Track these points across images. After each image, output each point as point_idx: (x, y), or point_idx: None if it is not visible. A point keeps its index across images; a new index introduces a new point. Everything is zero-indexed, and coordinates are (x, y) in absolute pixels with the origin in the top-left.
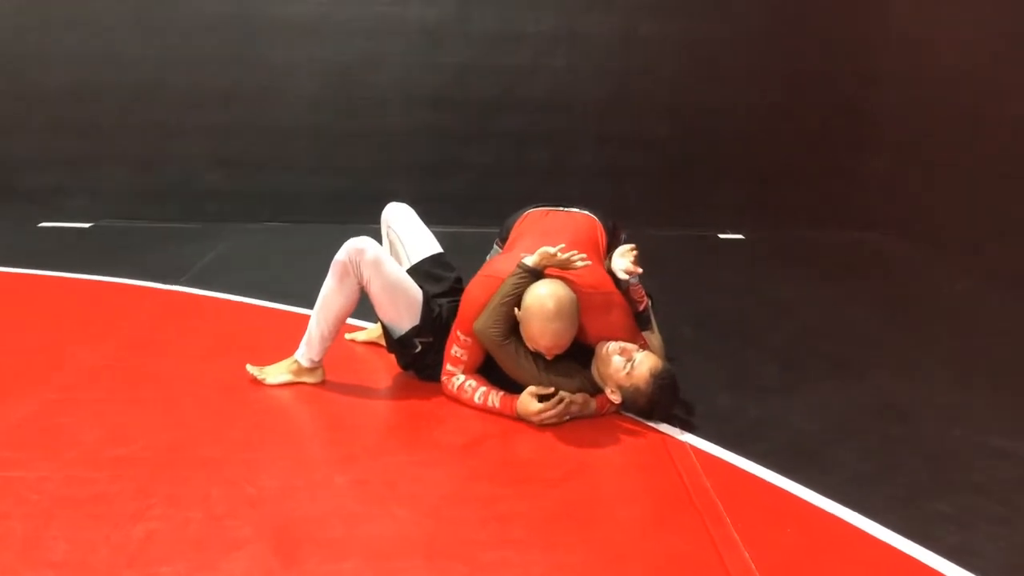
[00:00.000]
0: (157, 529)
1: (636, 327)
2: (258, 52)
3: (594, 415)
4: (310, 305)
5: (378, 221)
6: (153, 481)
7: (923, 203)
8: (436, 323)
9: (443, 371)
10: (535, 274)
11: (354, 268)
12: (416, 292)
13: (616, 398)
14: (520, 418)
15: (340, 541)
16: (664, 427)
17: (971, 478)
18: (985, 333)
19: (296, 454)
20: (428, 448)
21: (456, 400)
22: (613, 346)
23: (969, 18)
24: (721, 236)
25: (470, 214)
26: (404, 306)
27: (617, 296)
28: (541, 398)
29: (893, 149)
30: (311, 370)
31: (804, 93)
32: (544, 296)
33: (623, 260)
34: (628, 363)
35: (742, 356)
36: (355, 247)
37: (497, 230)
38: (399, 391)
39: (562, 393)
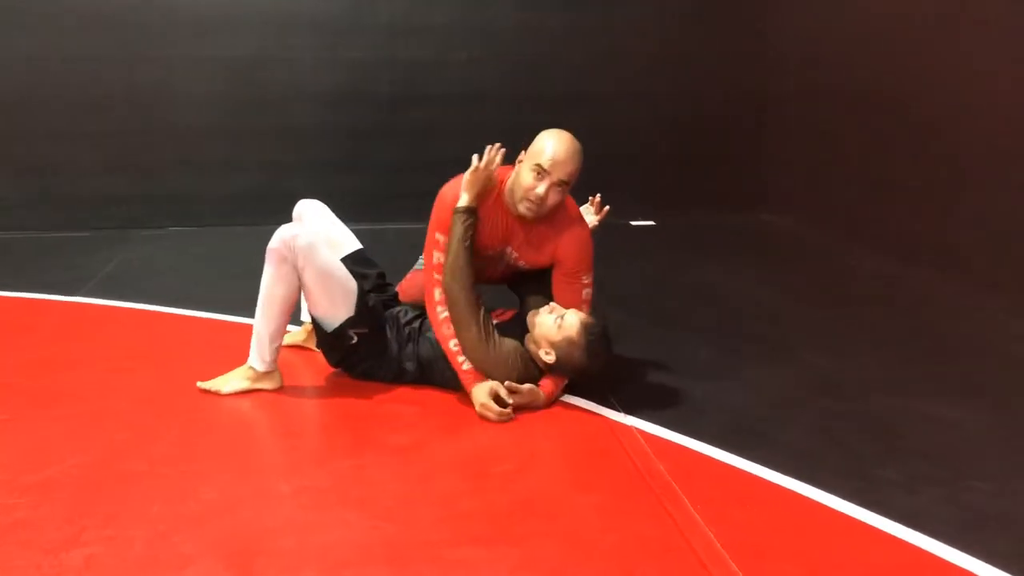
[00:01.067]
0: (96, 553)
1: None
2: (153, 50)
3: (542, 406)
4: (226, 310)
5: (286, 221)
6: (84, 503)
7: (825, 184)
8: (371, 314)
9: (426, 282)
10: (471, 211)
11: (290, 253)
12: (351, 282)
13: (550, 358)
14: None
15: (295, 552)
16: (608, 412)
17: (912, 445)
18: (896, 308)
19: (235, 465)
20: (373, 450)
21: (430, 314)
22: (544, 308)
23: None
24: (633, 223)
25: (381, 211)
26: (340, 296)
27: (588, 227)
28: (497, 399)
29: (795, 131)
30: (268, 374)
31: (707, 79)
32: (555, 129)
33: (587, 213)
34: (558, 318)
35: (674, 340)
36: (289, 232)
37: (410, 226)
38: (334, 393)
39: (515, 399)
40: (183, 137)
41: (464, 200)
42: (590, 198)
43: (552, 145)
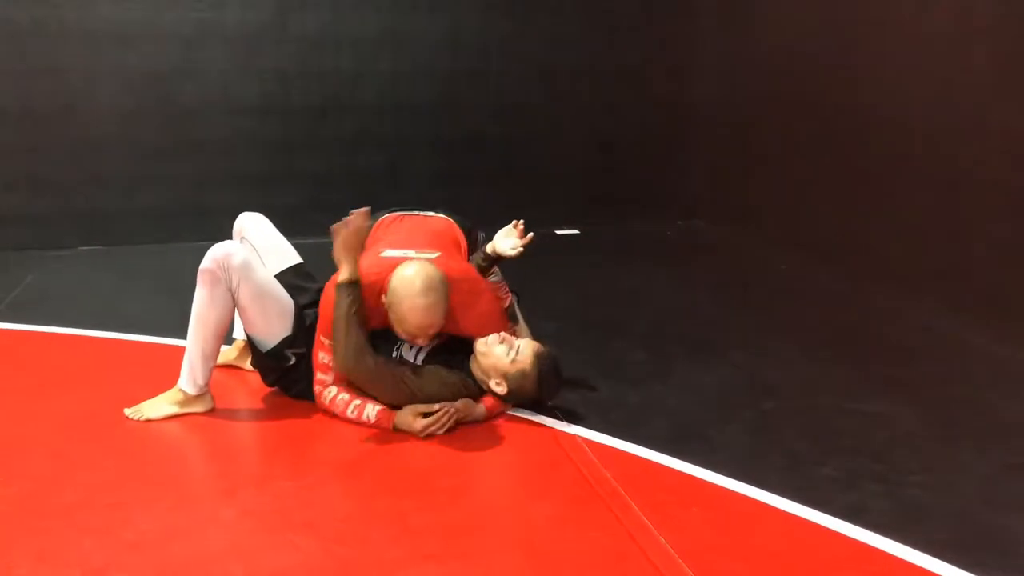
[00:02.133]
0: None
1: (507, 317)
2: (59, 63)
3: (483, 419)
4: (143, 331)
5: (205, 238)
6: (11, 539)
7: (748, 190)
8: (308, 333)
9: (315, 380)
10: (352, 284)
11: (223, 273)
12: (287, 300)
13: (502, 389)
14: (398, 431)
15: None
16: (551, 421)
17: (846, 442)
18: (817, 307)
19: (169, 492)
20: (314, 469)
21: (329, 413)
22: (493, 337)
23: (785, 4)
24: (558, 232)
25: (304, 225)
26: (275, 315)
27: (485, 285)
28: (425, 414)
29: (718, 138)
30: (198, 397)
31: (626, 89)
32: (410, 275)
33: (509, 239)
34: (511, 350)
35: (607, 346)
36: (222, 251)
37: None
38: (269, 413)
39: (443, 404)
40: (88, 153)
41: (344, 274)
42: (513, 222)
43: (409, 320)
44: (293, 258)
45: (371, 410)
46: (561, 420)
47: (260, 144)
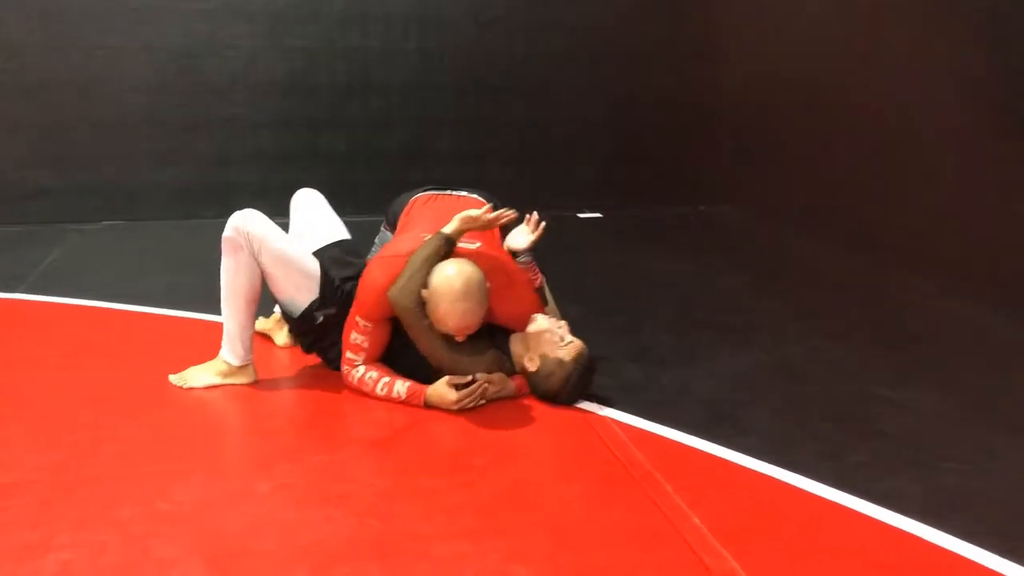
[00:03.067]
0: (71, 559)
1: (540, 302)
2: (88, 38)
3: (512, 396)
4: (174, 305)
5: (229, 215)
6: (51, 507)
7: (766, 174)
8: (338, 295)
9: (342, 360)
10: (450, 243)
11: (244, 239)
12: (312, 264)
13: (533, 366)
14: (430, 407)
15: (280, 552)
16: (583, 404)
17: (878, 427)
18: (845, 293)
19: (205, 463)
20: (348, 445)
21: (358, 392)
22: (552, 318)
23: None
24: (580, 216)
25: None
26: (301, 278)
27: (520, 272)
28: (458, 387)
29: (744, 122)
30: (241, 368)
31: (650, 74)
32: (452, 276)
33: (521, 234)
34: (564, 338)
35: (635, 330)
36: (240, 218)
37: (359, 219)
38: (303, 387)
39: (479, 375)
40: (113, 129)
41: (451, 227)
42: (527, 216)
43: (449, 319)
44: (341, 233)
45: (401, 386)
46: (593, 402)
47: (285, 122)
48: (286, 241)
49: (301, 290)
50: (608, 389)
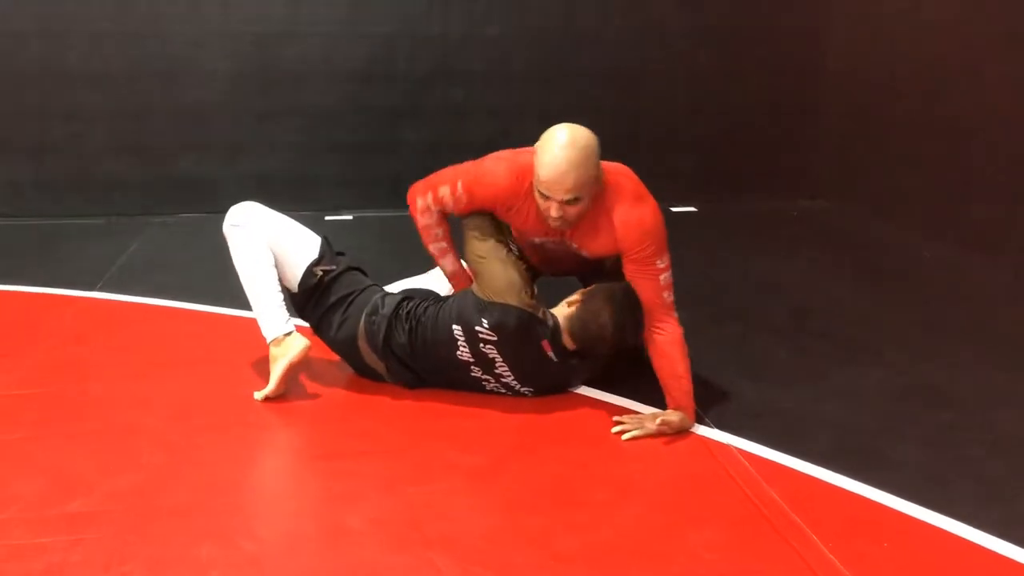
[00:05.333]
0: None
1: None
2: (162, 25)
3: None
4: (248, 305)
5: (308, 206)
6: (125, 542)
7: (873, 169)
8: (336, 255)
9: (416, 189)
10: None
11: (242, 218)
12: (312, 236)
13: (574, 307)
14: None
15: None
16: (702, 429)
17: None
18: (976, 302)
19: (289, 494)
20: (445, 474)
21: (413, 219)
22: None
23: None
24: (673, 209)
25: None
26: (302, 248)
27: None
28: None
29: (850, 113)
30: (285, 339)
31: (748, 58)
32: (559, 127)
33: None
34: None
35: (746, 340)
36: (235, 207)
37: None
38: (385, 408)
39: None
40: (190, 118)
41: None
42: None
43: (546, 165)
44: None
45: (451, 263)
46: (711, 427)
47: (362, 111)
48: (281, 217)
49: (301, 257)
50: (726, 412)
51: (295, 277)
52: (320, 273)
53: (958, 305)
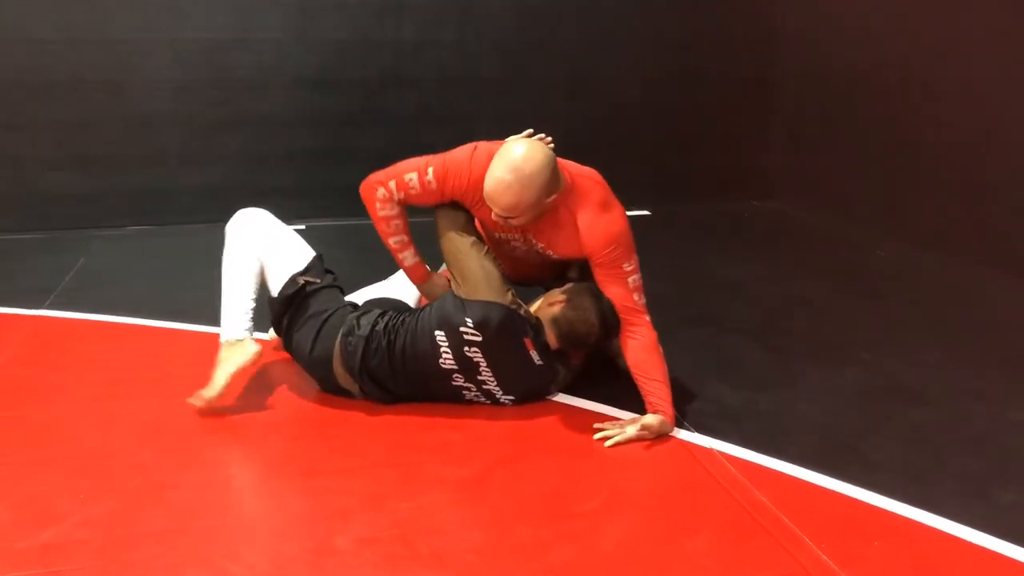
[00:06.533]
0: None
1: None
2: (107, 32)
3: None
4: (209, 321)
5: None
6: (105, 572)
7: (824, 170)
8: (328, 275)
9: (376, 178)
10: None
11: (243, 218)
12: (306, 250)
13: (559, 307)
14: (422, 291)
15: None
16: (683, 433)
17: None
18: (937, 298)
19: (272, 514)
20: (432, 487)
21: (367, 207)
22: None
23: None
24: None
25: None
26: (293, 257)
27: (617, 205)
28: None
29: (800, 115)
30: (239, 343)
31: (705, 61)
32: (517, 144)
33: None
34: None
35: (717, 342)
36: (241, 212)
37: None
38: (370, 424)
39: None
40: (139, 128)
41: None
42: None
43: (488, 178)
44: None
45: (411, 256)
46: (690, 430)
47: (316, 119)
48: (282, 229)
49: (291, 264)
50: (705, 415)
51: (279, 283)
52: (302, 282)
53: (916, 301)
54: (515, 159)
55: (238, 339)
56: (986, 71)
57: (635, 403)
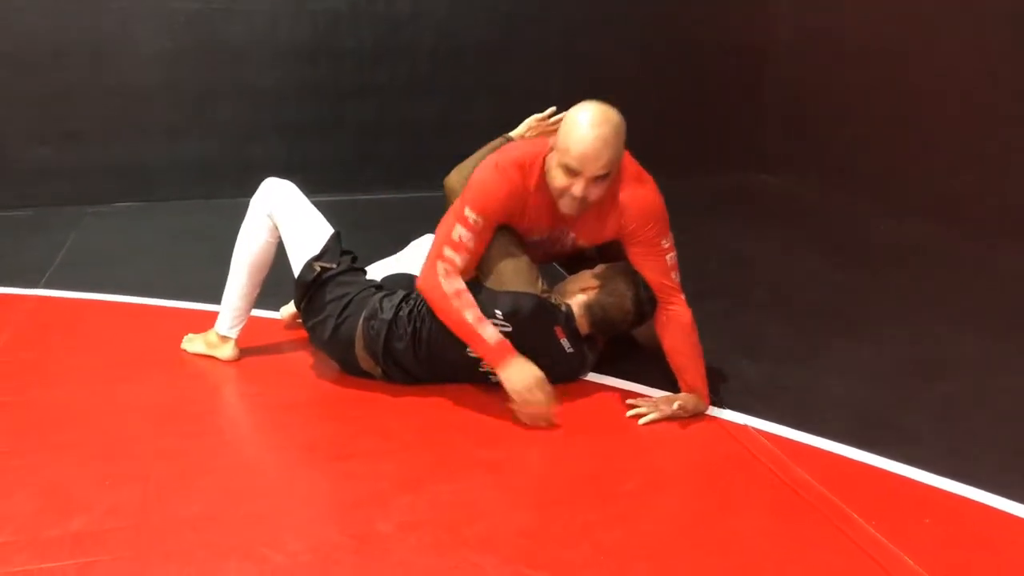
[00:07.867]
0: None
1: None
2: (91, 2)
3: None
4: (208, 298)
5: (251, 193)
6: (142, 563)
7: (820, 142)
8: (346, 257)
9: (432, 256)
10: None
11: (268, 192)
12: (324, 229)
13: (594, 293)
14: (496, 382)
15: None
16: (715, 410)
17: None
18: (944, 271)
19: (310, 500)
20: (466, 470)
21: (430, 302)
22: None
23: None
24: None
25: (355, 178)
26: (310, 239)
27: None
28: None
29: (787, 91)
30: (223, 340)
31: (699, 32)
32: (586, 106)
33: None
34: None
35: (733, 317)
36: (265, 184)
37: (388, 196)
38: (395, 406)
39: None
40: (125, 100)
41: (516, 131)
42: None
43: (578, 140)
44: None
45: (491, 332)
46: (722, 407)
47: (306, 90)
48: (307, 205)
49: (308, 246)
50: (732, 392)
51: (297, 266)
52: (318, 269)
53: (927, 274)
54: (598, 115)
55: (223, 336)
56: (986, 40)
57: (658, 379)
